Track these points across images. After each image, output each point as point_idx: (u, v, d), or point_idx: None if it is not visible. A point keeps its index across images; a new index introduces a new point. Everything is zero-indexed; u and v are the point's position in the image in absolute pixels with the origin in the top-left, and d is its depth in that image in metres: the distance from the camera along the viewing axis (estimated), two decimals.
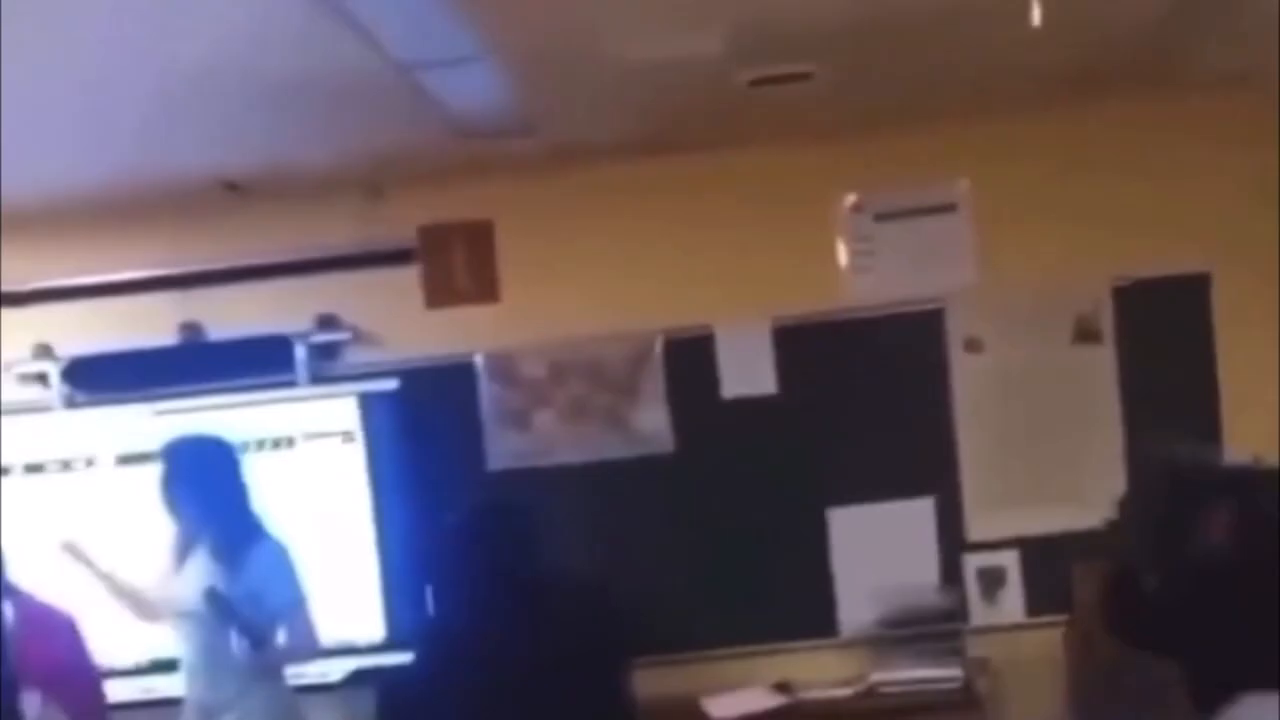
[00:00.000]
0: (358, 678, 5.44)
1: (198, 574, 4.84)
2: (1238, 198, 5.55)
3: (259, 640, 4.69)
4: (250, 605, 4.73)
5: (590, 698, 3.85)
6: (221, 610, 4.70)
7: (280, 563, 4.91)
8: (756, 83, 4.67)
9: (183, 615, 4.89)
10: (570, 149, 5.37)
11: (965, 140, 5.55)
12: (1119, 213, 5.56)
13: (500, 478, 5.72)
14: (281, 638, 4.86)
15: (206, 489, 4.88)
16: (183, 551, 4.93)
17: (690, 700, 5.50)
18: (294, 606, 4.88)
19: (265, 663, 4.81)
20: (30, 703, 3.93)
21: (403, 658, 4.94)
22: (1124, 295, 5.63)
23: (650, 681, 4.50)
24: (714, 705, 5.50)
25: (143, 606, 5.07)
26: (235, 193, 5.47)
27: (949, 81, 4.98)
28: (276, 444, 5.71)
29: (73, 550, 5.01)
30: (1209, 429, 5.58)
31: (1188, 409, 5.60)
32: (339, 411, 5.72)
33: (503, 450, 5.78)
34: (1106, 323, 5.63)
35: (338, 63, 3.94)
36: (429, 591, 5.30)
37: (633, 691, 4.18)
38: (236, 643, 4.70)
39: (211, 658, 4.84)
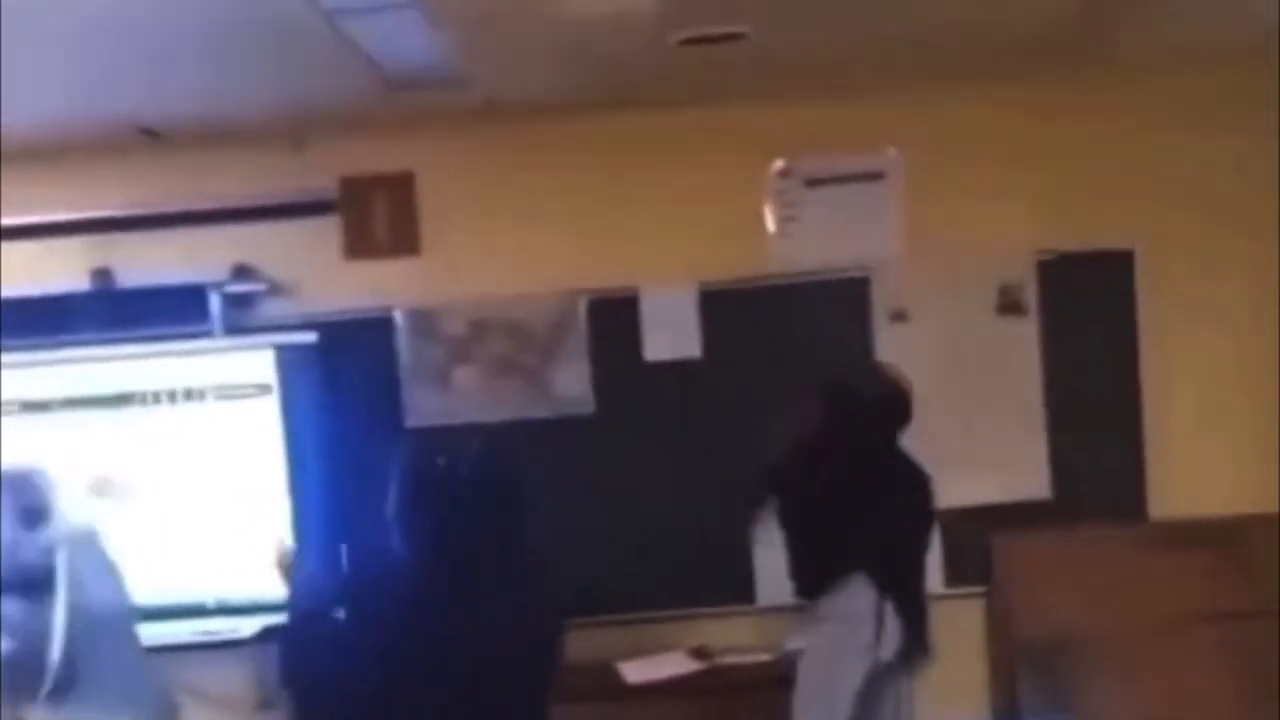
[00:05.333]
0: (268, 634, 5.38)
1: None
2: (1162, 176, 5.61)
3: None
4: None
5: (520, 660, 3.73)
6: None
7: None
8: (687, 42, 4.61)
9: None
10: (498, 104, 5.29)
11: (896, 109, 5.54)
12: (1045, 187, 5.60)
13: (418, 434, 5.64)
14: None
15: None
16: None
17: (606, 664, 5.48)
18: None
19: None
20: None
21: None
22: (1048, 268, 5.64)
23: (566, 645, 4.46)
24: (630, 669, 5.49)
25: None
26: (153, 138, 5.34)
27: (882, 49, 4.96)
28: (189, 395, 5.60)
29: None
30: (1129, 403, 5.64)
31: (1109, 382, 5.66)
32: (254, 363, 5.60)
33: (421, 407, 5.71)
34: (1031, 295, 5.65)
35: (262, 8, 3.84)
36: (343, 548, 5.24)
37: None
38: None
39: None
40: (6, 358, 5.59)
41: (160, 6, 3.75)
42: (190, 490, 5.53)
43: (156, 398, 5.57)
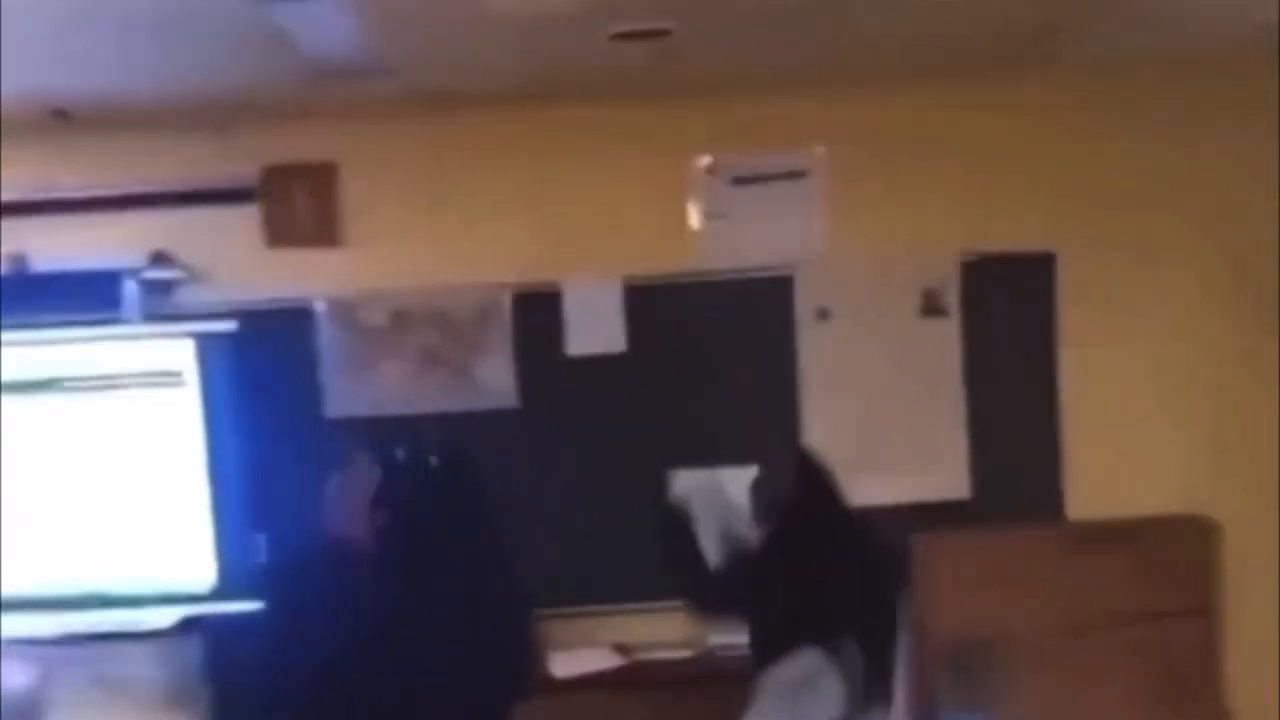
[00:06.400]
0: (186, 625, 5.33)
1: None
2: (1084, 180, 5.65)
3: None
4: None
5: (471, 659, 3.65)
6: None
7: None
8: (615, 38, 4.59)
9: None
10: (425, 95, 5.25)
11: (823, 109, 5.52)
12: (969, 189, 5.63)
13: (339, 426, 5.59)
14: None
15: None
16: None
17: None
18: None
19: None
20: None
21: (234, 606, 4.83)
22: (971, 271, 5.67)
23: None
24: (553, 664, 5.47)
25: None
26: (64, 120, 5.24)
27: (808, 49, 4.96)
28: (106, 383, 5.53)
29: None
30: (1049, 404, 5.69)
31: (1029, 384, 5.71)
32: (172, 352, 5.55)
33: (342, 398, 5.65)
34: (953, 297, 5.68)
35: None
36: (264, 539, 5.21)
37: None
38: None
39: None
40: None
41: None
42: (108, 479, 5.46)
43: (73, 384, 5.50)
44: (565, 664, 5.48)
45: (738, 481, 5.25)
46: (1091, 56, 5.21)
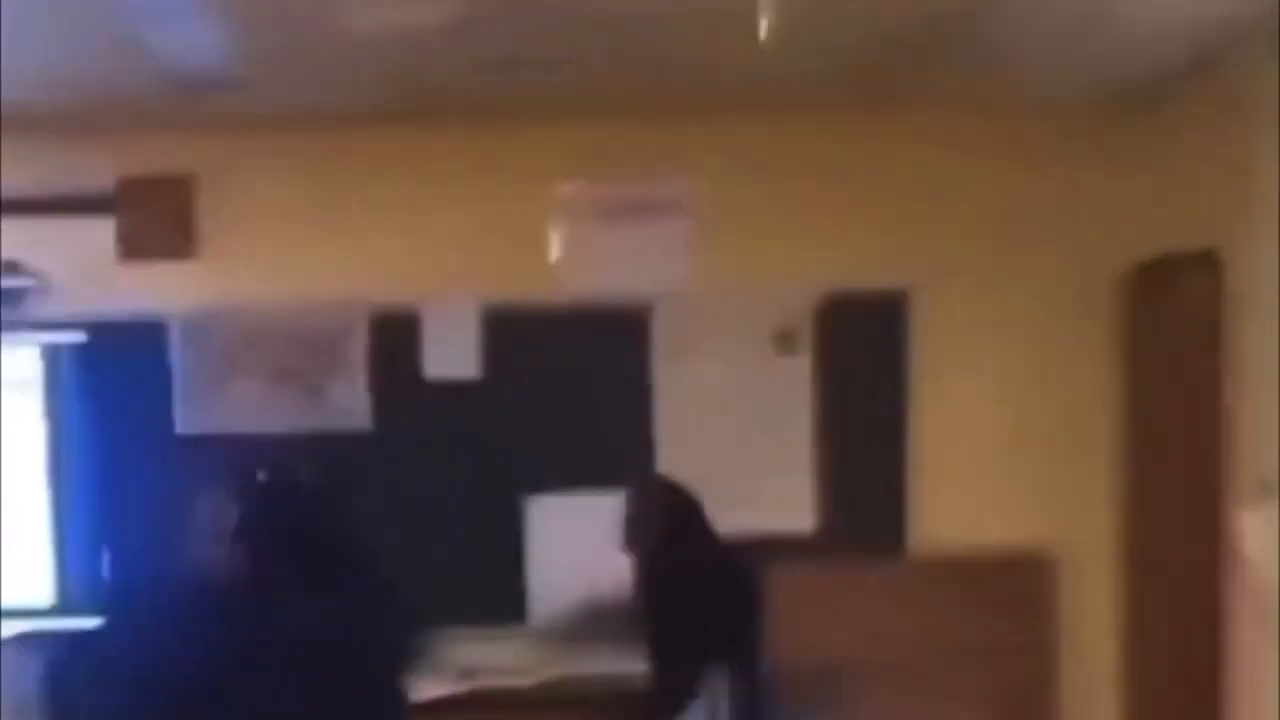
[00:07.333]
0: (21, 642, 5.20)
1: None
2: (942, 219, 5.71)
3: None
4: None
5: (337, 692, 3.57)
6: None
7: None
8: (481, 63, 4.60)
9: None
10: (287, 110, 5.22)
11: (686, 141, 5.55)
12: (827, 226, 5.67)
13: (191, 443, 5.51)
14: None
15: None
16: None
17: None
18: None
19: None
20: None
21: (73, 622, 4.73)
22: (825, 308, 5.72)
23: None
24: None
25: None
26: None
27: (674, 79, 4.99)
28: None
29: None
30: (895, 442, 5.76)
31: (878, 421, 5.76)
32: (18, 362, 5.48)
33: (194, 415, 5.58)
34: (806, 333, 5.73)
35: None
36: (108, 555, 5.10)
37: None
38: None
39: None
40: None
41: None
42: None
43: None
44: (411, 690, 5.43)
45: (595, 509, 5.26)
46: (944, 95, 5.30)
